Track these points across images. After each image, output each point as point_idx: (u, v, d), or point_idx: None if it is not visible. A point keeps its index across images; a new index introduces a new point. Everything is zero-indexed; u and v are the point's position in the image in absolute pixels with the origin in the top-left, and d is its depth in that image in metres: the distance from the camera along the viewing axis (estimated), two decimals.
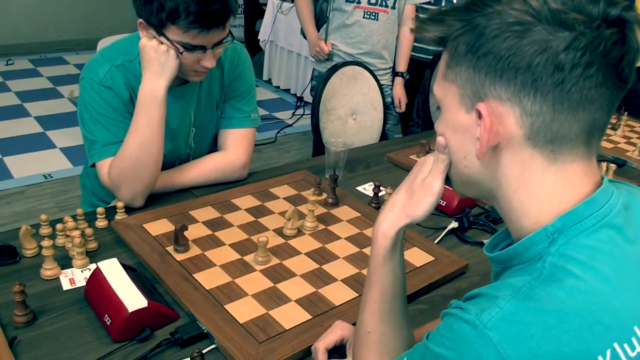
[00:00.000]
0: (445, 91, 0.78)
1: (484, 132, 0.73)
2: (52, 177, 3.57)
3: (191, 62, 1.45)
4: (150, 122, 1.44)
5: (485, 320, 0.65)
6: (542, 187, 0.73)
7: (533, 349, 0.63)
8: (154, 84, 1.43)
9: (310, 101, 4.89)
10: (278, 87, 5.66)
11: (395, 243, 0.91)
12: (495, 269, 0.80)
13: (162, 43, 1.41)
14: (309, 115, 4.98)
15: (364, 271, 1.32)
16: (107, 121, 1.48)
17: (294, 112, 5.10)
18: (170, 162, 1.66)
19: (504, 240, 0.82)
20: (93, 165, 1.51)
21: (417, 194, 0.88)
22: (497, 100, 0.72)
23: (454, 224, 1.56)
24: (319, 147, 2.60)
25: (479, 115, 0.73)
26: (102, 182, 1.50)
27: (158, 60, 1.42)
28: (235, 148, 1.69)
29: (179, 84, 1.58)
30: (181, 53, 1.42)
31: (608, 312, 0.66)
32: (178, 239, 1.33)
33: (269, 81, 5.69)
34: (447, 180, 0.86)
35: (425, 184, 0.87)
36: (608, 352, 0.64)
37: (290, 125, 4.84)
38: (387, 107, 2.98)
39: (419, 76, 3.47)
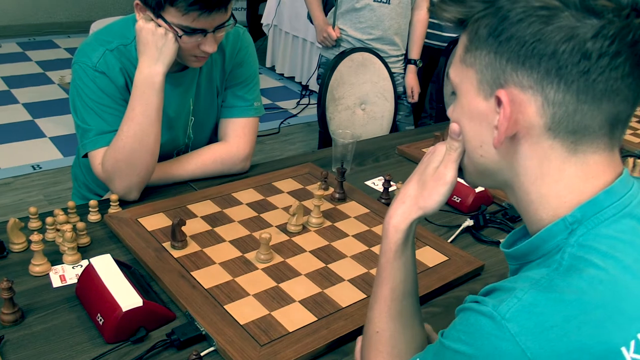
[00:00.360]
0: (462, 76, 0.79)
1: (503, 120, 0.74)
2: (41, 167, 3.58)
3: (191, 46, 1.45)
4: (147, 110, 1.44)
5: (504, 311, 0.66)
6: (562, 179, 0.74)
7: (553, 341, 0.64)
8: (151, 70, 1.43)
9: (317, 90, 4.88)
10: (282, 74, 5.66)
11: (407, 237, 0.91)
12: (512, 266, 0.81)
13: (159, 26, 1.42)
14: (315, 105, 5.02)
15: (373, 271, 1.33)
16: (101, 109, 1.49)
17: (299, 102, 5.10)
18: (168, 153, 1.66)
19: (521, 238, 0.82)
20: (85, 156, 1.52)
21: (429, 185, 0.88)
22: (518, 88, 0.73)
23: (469, 222, 1.56)
24: (325, 139, 2.60)
25: (498, 103, 0.74)
26: (95, 173, 1.51)
27: (155, 44, 1.42)
28: (236, 139, 1.69)
29: (178, 69, 1.59)
30: (180, 37, 1.42)
31: (631, 302, 0.66)
32: (175, 234, 1.33)
33: (273, 68, 5.69)
34: (460, 171, 0.86)
35: (437, 174, 0.88)
36: (632, 343, 0.65)
37: (294, 116, 4.84)
38: (399, 96, 2.98)
39: (432, 64, 3.46)
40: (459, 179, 0.87)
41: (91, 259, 1.20)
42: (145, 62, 1.44)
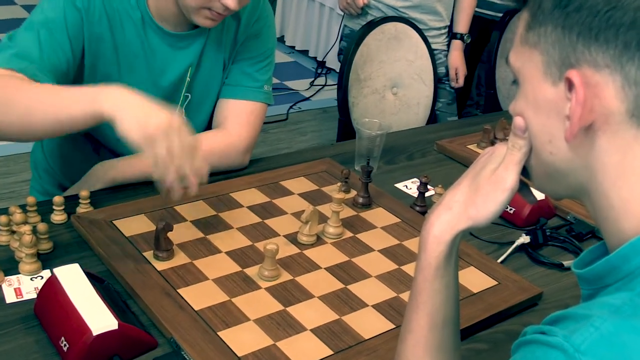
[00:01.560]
0: (524, 59, 0.80)
1: (576, 106, 0.74)
2: None
3: None
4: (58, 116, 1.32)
5: (577, 342, 0.66)
6: None
7: None
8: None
9: (336, 68, 4.88)
10: (293, 47, 5.67)
11: (450, 252, 0.92)
12: (585, 291, 0.81)
13: None
14: (333, 87, 5.02)
15: (404, 295, 1.33)
16: (47, 36, 1.45)
17: (313, 82, 5.11)
18: None
19: (599, 258, 0.82)
20: None
21: (483, 189, 0.89)
22: (592, 68, 0.74)
23: (524, 239, 1.56)
24: (346, 130, 2.60)
25: (569, 87, 0.75)
26: None
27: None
28: (237, 126, 1.70)
29: (182, 29, 1.59)
30: None
31: None
32: (160, 242, 1.34)
33: (282, 39, 5.71)
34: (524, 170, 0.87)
35: (495, 177, 0.88)
36: None
37: (307, 99, 4.85)
38: (440, 79, 2.98)
39: (482, 40, 3.45)
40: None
41: (55, 270, 1.20)
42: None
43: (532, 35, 0.79)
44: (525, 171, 0.88)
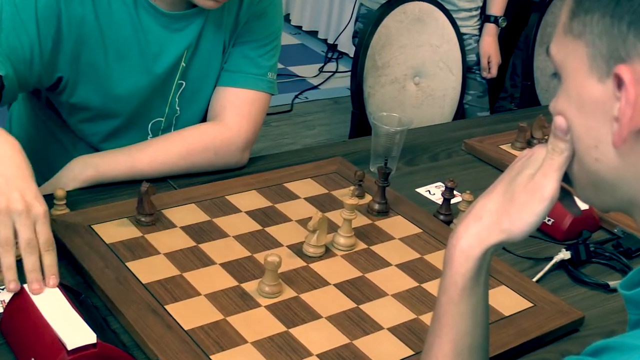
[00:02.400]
0: (567, 51, 0.80)
1: (626, 107, 0.75)
2: None
3: None
4: None
5: None
6: None
7: None
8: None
9: (350, 53, 4.87)
10: (300, 27, 5.68)
11: (479, 269, 0.92)
12: (633, 316, 0.81)
13: None
14: (346, 74, 5.01)
15: (425, 318, 1.33)
16: (9, 14, 1.45)
17: (322, 68, 5.12)
18: (140, 126, 1.67)
19: None
20: None
21: (519, 198, 0.89)
22: None
23: (564, 254, 1.56)
24: (360, 124, 2.60)
25: (619, 84, 0.75)
26: None
27: None
28: (236, 118, 1.71)
29: (178, 8, 1.60)
30: None
31: None
32: (143, 204, 1.36)
33: (287, 18, 5.72)
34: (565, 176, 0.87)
35: (533, 184, 0.89)
36: None
37: (315, 87, 4.86)
38: (469, 68, 2.98)
39: (519, 23, 3.46)
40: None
41: (25, 285, 1.20)
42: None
43: (577, 24, 0.79)
44: (567, 178, 0.88)
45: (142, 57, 1.61)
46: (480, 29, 3.06)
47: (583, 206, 0.96)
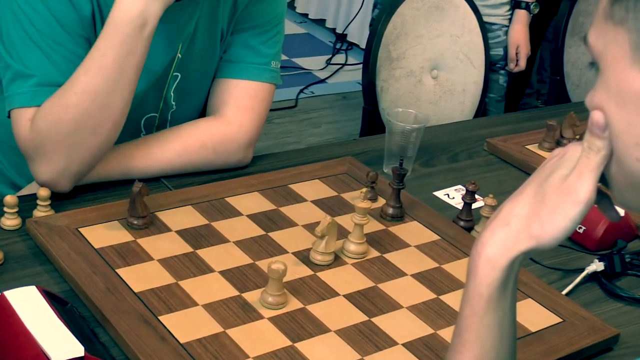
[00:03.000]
0: (608, 39, 0.80)
1: None
2: None
3: None
4: (125, 63, 1.47)
5: None
6: None
7: None
8: (144, 5, 1.45)
9: (360, 43, 4.86)
10: (306, 15, 5.68)
11: (507, 279, 0.92)
12: None
13: None
14: (357, 67, 5.01)
15: (444, 333, 1.34)
16: (51, 46, 1.51)
17: (330, 60, 5.12)
18: (132, 123, 1.69)
19: None
20: (9, 115, 1.54)
21: (550, 201, 0.89)
22: None
23: (597, 265, 1.56)
24: (373, 121, 2.61)
25: None
26: (17, 137, 1.52)
27: None
28: (239, 112, 1.72)
29: None
30: None
31: None
32: (135, 206, 1.37)
33: (292, 5, 5.72)
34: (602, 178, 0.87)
35: (566, 186, 0.88)
36: None
37: (322, 81, 4.86)
38: (493, 64, 2.98)
39: (548, 12, 3.46)
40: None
41: (5, 292, 1.21)
42: None
43: (619, 10, 0.78)
44: (604, 179, 0.87)
45: None
46: (510, 18, 3.04)
47: (621, 212, 0.95)
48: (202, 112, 1.82)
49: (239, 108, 1.72)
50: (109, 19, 1.47)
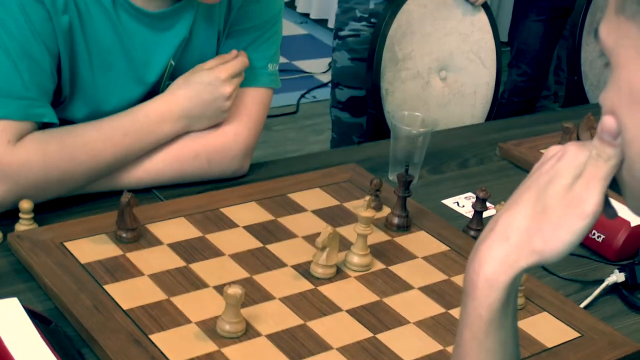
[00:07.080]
0: (619, 34, 0.79)
1: None
2: None
3: None
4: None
5: None
6: None
7: None
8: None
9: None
10: (306, 15, 5.70)
11: (507, 299, 0.91)
12: None
13: None
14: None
15: (452, 349, 1.33)
16: (19, 55, 1.50)
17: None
18: None
19: None
20: None
21: (553, 213, 0.87)
22: None
23: (617, 276, 1.56)
24: (377, 126, 2.61)
25: None
26: None
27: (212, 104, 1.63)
28: (234, 120, 1.71)
29: (164, 5, 1.61)
30: None
31: None
32: (124, 218, 1.38)
33: (292, 4, 5.74)
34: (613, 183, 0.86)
35: (572, 197, 0.86)
36: None
37: (324, 85, 4.87)
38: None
39: (565, 9, 3.46)
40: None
41: None
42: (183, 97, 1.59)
43: (631, 3, 0.77)
44: (614, 181, 0.85)
45: (130, 66, 1.62)
46: None
47: (617, 208, 0.93)
48: None
49: (235, 115, 1.72)
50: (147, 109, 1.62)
